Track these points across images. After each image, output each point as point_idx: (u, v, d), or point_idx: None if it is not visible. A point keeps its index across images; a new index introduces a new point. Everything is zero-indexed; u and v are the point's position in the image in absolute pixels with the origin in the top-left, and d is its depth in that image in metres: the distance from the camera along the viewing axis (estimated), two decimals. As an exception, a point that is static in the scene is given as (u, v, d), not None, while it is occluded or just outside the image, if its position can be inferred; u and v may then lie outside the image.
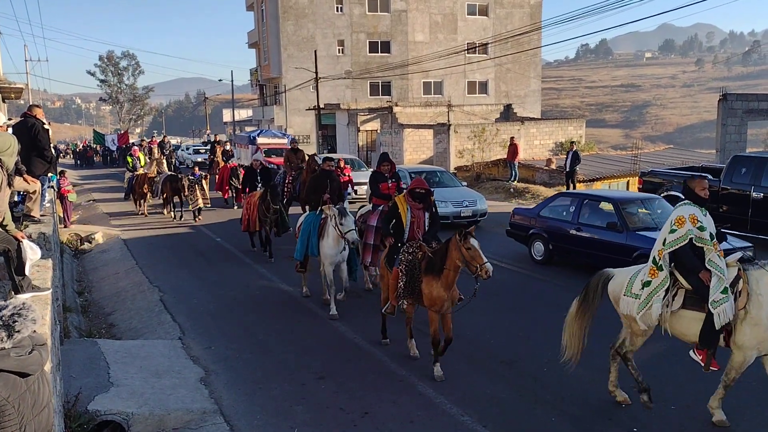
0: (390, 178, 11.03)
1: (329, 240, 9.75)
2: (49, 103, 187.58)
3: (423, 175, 19.12)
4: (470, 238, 6.89)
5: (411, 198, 8.15)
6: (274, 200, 13.68)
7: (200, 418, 6.69)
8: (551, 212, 13.28)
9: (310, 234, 10.20)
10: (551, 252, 12.96)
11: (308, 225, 10.35)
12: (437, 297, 7.28)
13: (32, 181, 8.52)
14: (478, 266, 6.77)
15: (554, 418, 6.52)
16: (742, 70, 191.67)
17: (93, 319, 11.06)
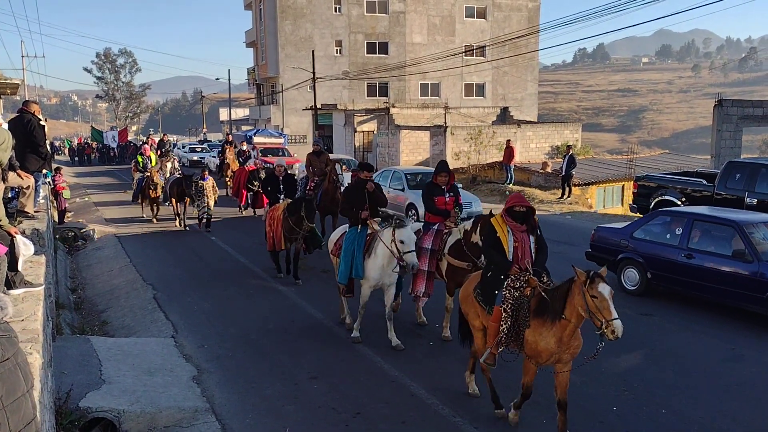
0: (447, 191, 9.16)
1: (377, 260, 8.43)
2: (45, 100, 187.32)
3: (419, 177, 18.81)
4: (599, 283, 5.44)
5: (510, 218, 6.47)
6: (310, 217, 11.61)
7: (192, 416, 6.69)
8: (649, 233, 11.09)
9: (354, 253, 8.76)
10: (649, 281, 10.79)
11: (351, 243, 8.87)
12: (544, 349, 5.89)
13: (25, 176, 8.51)
14: (604, 321, 5.37)
15: (545, 420, 6.53)
16: (739, 76, 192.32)
17: (86, 316, 11.03)
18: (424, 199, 9.27)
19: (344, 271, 8.89)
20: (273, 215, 12.30)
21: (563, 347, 5.83)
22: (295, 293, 11.30)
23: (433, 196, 9.17)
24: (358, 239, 8.82)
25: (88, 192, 28.73)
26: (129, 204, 23.91)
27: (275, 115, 50.96)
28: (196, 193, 17.22)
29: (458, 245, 8.39)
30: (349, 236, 8.95)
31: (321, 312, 10.21)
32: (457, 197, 9.28)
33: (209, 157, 38.59)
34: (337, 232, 9.60)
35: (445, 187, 9.17)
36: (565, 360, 5.94)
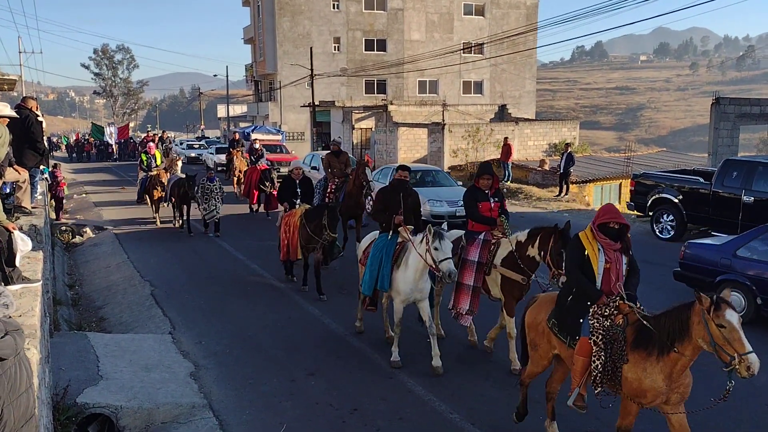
0: (492, 197, 8.18)
1: (408, 272, 7.59)
2: (42, 96, 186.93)
3: (419, 174, 18.03)
4: (726, 310, 4.55)
5: (602, 234, 5.53)
6: (333, 226, 10.40)
7: (189, 412, 6.70)
8: (756, 252, 9.50)
9: (382, 263, 7.96)
10: (758, 308, 9.28)
11: (379, 251, 8.08)
12: (650, 388, 4.98)
13: (21, 170, 8.51)
14: (736, 356, 4.47)
15: (542, 416, 6.54)
16: (736, 74, 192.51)
17: (83, 313, 11.03)
18: (467, 205, 8.19)
19: (369, 282, 8.10)
20: (289, 222, 11.22)
21: (672, 385, 4.98)
22: (293, 290, 11.31)
23: (476, 201, 8.11)
24: (387, 247, 8.02)
25: (85, 188, 28.70)
26: (126, 202, 23.91)
27: (273, 112, 50.92)
28: (202, 195, 16.04)
29: (511, 258, 7.55)
30: (378, 243, 8.19)
31: (318, 309, 10.22)
32: (502, 203, 8.29)
33: (207, 154, 38.55)
34: (367, 240, 8.75)
35: (489, 192, 8.18)
36: (674, 401, 5.05)
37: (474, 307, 7.94)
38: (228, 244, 15.43)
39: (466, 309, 7.95)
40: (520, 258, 7.43)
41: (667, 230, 15.42)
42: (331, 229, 10.36)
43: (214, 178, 16.47)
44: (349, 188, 13.56)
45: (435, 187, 17.72)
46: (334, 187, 14.25)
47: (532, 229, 7.42)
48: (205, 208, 16.12)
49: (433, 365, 7.55)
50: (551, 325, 5.69)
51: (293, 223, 11.13)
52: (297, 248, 11.06)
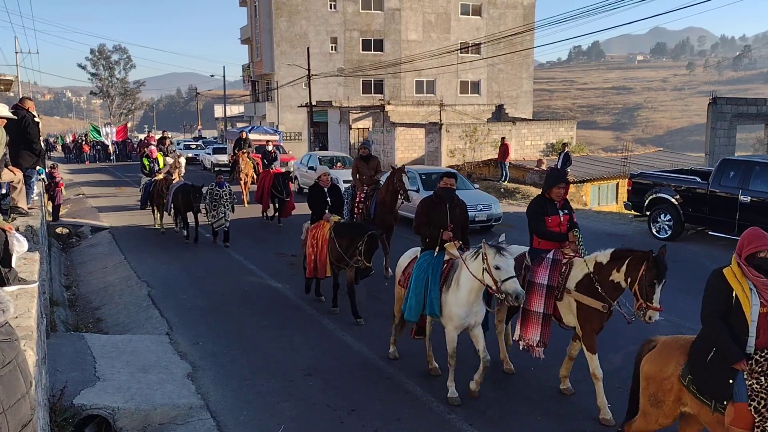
0: (561, 209, 7.16)
1: (460, 293, 6.68)
2: (39, 96, 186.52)
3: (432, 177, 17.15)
4: None
5: (754, 268, 4.40)
6: (369, 255, 9.10)
7: (186, 413, 6.68)
8: None
9: (429, 284, 7.02)
10: None
11: (423, 271, 7.12)
12: None
13: (15, 171, 8.49)
14: None
15: (539, 416, 6.55)
16: (733, 74, 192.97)
17: (80, 314, 11.01)
18: (532, 219, 7.08)
19: (415, 307, 7.11)
20: (317, 234, 9.98)
21: None
22: (290, 290, 11.30)
23: (544, 215, 7.03)
24: (434, 267, 7.07)
25: (82, 189, 28.65)
26: (124, 202, 23.89)
27: (270, 112, 50.90)
28: (211, 201, 14.99)
29: (588, 282, 6.50)
30: (422, 263, 7.22)
31: (316, 309, 10.21)
32: (571, 215, 7.21)
33: (204, 154, 38.52)
34: (407, 257, 7.84)
35: (559, 202, 7.12)
36: None
37: (545, 337, 6.84)
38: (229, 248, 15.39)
39: (536, 340, 6.86)
40: (601, 282, 6.39)
41: (664, 230, 15.42)
42: (367, 258, 9.04)
43: (224, 183, 15.34)
44: (381, 196, 12.22)
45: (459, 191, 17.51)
46: (363, 195, 12.79)
47: (617, 250, 6.42)
48: (213, 216, 15.05)
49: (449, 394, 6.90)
50: (687, 382, 4.65)
51: (322, 236, 9.89)
52: (326, 264, 9.80)
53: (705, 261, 13.57)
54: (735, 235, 14.15)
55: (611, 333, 8.68)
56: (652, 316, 5.89)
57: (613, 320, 6.71)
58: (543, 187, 7.26)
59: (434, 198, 7.53)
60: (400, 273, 7.80)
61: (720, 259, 13.81)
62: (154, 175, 17.97)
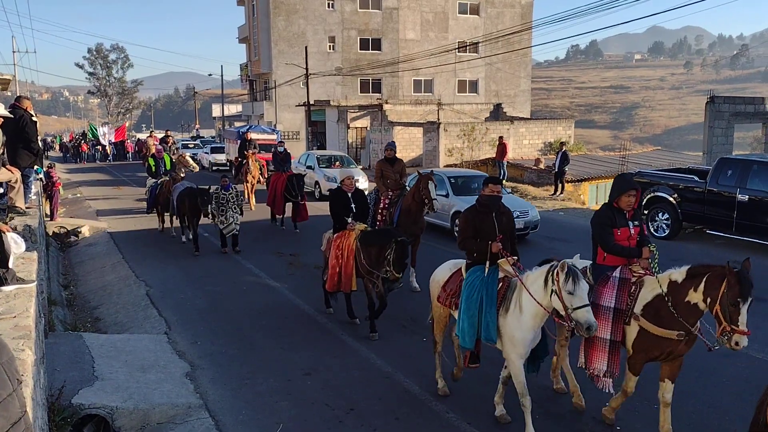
0: (631, 220, 6.37)
1: (524, 317, 5.92)
2: (36, 95, 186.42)
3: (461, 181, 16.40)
4: None
5: None
6: (399, 265, 8.27)
7: (185, 412, 6.68)
8: None
9: (483, 305, 6.24)
10: None
11: (476, 290, 6.34)
12: None
13: (13, 170, 8.47)
14: None
15: (538, 416, 6.55)
16: (730, 73, 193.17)
17: (78, 313, 11.00)
18: (599, 232, 6.32)
19: (469, 332, 6.33)
20: (341, 244, 9.08)
21: None
22: (288, 290, 11.30)
23: (612, 227, 6.27)
24: (488, 285, 6.29)
25: (80, 189, 28.62)
26: (122, 203, 23.85)
27: (268, 112, 50.89)
28: (218, 207, 14.03)
29: (659, 304, 5.73)
30: (473, 281, 6.41)
31: (314, 308, 10.20)
32: (642, 227, 6.47)
33: (202, 153, 38.48)
34: (444, 270, 6.99)
35: (628, 213, 6.36)
36: None
37: (614, 367, 6.07)
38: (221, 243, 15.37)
39: (603, 370, 6.10)
40: (675, 305, 5.60)
41: (662, 229, 15.44)
42: (396, 268, 8.21)
43: (230, 185, 14.36)
44: (407, 203, 11.24)
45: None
46: (388, 201, 11.81)
47: (693, 266, 5.63)
48: (222, 221, 14.05)
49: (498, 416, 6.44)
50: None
51: (347, 246, 8.98)
52: (352, 278, 8.92)
53: (703, 260, 13.58)
54: (733, 234, 14.18)
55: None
56: (738, 341, 5.14)
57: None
58: (610, 195, 6.43)
59: (478, 207, 6.75)
60: (438, 289, 6.89)
61: (718, 257, 13.83)
62: (160, 176, 17.22)
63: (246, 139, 23.12)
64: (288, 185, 16.71)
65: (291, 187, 16.62)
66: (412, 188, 11.26)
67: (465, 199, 14.92)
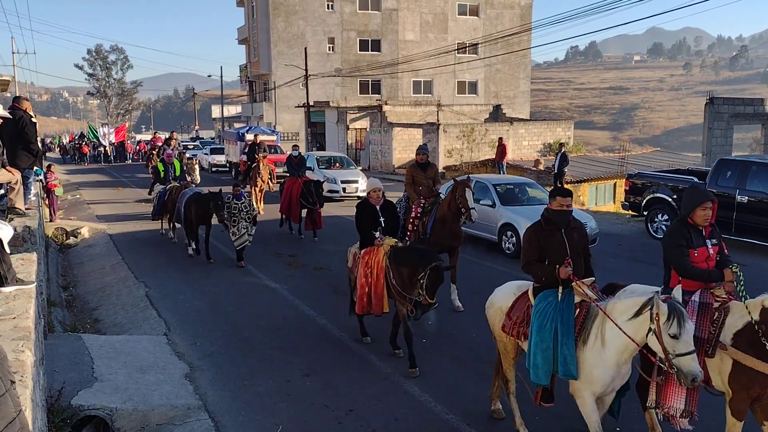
0: (709, 237, 5.65)
1: (607, 352, 5.17)
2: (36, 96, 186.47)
3: (508, 188, 15.18)
4: None
5: None
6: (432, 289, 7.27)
7: (184, 413, 6.68)
8: None
9: (558, 336, 5.45)
10: None
11: (548, 319, 5.55)
12: None
13: (13, 171, 8.47)
14: None
15: (538, 416, 6.55)
16: (730, 74, 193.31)
17: (78, 314, 10.99)
18: (673, 253, 5.58)
19: (543, 366, 5.52)
20: (369, 262, 8.13)
21: None
22: (288, 291, 11.30)
23: (688, 247, 5.52)
24: (563, 314, 5.50)
25: (80, 190, 28.61)
26: (122, 203, 23.84)
27: (267, 113, 50.91)
28: (229, 217, 13.02)
29: (750, 333, 4.97)
30: (544, 308, 5.62)
31: (313, 309, 10.21)
32: (721, 245, 5.69)
33: (201, 155, 38.51)
34: (506, 295, 6.20)
35: (705, 229, 5.60)
36: None
37: (692, 405, 5.27)
38: (222, 243, 15.34)
39: (680, 409, 5.27)
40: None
41: (661, 230, 15.44)
42: (429, 293, 7.26)
43: (242, 194, 13.42)
44: (442, 212, 10.28)
45: (534, 206, 13.91)
46: (420, 210, 10.72)
47: None
48: (234, 233, 13.02)
49: None
50: None
51: (377, 263, 8.07)
52: (383, 299, 8.01)
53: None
54: (732, 235, 14.19)
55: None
56: None
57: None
58: (682, 210, 5.71)
59: (544, 225, 5.84)
60: (501, 316, 6.11)
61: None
62: (169, 182, 16.31)
63: (255, 141, 22.23)
64: (304, 191, 15.70)
65: (308, 193, 15.59)
66: (447, 196, 10.32)
67: (515, 210, 13.97)
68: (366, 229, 8.39)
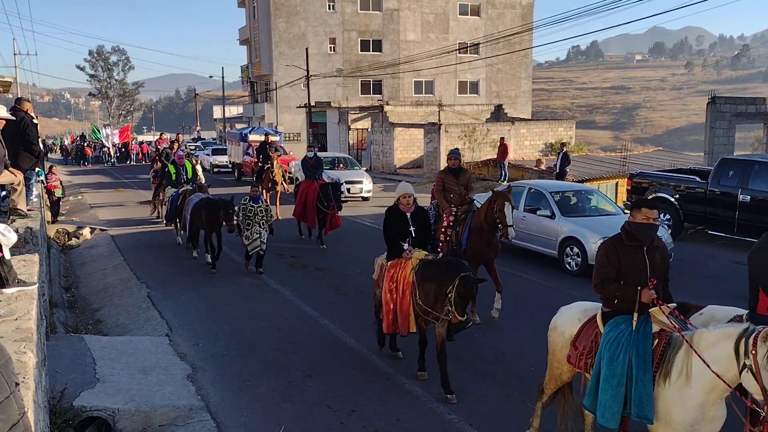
0: None
1: (692, 391, 4.48)
2: (37, 98, 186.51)
3: (568, 197, 13.54)
4: None
5: None
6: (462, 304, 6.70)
7: (187, 414, 6.68)
8: None
9: (632, 370, 4.75)
10: None
11: (621, 349, 4.84)
12: None
13: (15, 172, 8.48)
14: None
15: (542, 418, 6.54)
16: (731, 73, 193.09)
17: (80, 315, 11.01)
18: (765, 272, 4.92)
19: (611, 405, 4.83)
20: (396, 276, 7.46)
21: None
22: (289, 291, 11.30)
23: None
24: (638, 343, 4.81)
25: (81, 191, 28.64)
26: (123, 203, 23.85)
27: (269, 113, 50.91)
28: (244, 220, 12.28)
29: None
30: (616, 337, 4.92)
31: (315, 310, 10.20)
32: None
33: (203, 155, 38.51)
34: (571, 320, 5.52)
35: None
36: None
37: None
38: (223, 244, 15.32)
39: None
40: None
41: (664, 229, 15.43)
42: (459, 309, 6.65)
43: (259, 197, 12.78)
44: (477, 221, 9.58)
45: (598, 217, 12.88)
46: (452, 218, 10.00)
47: None
48: (247, 237, 12.35)
49: None
50: None
51: (403, 278, 7.38)
52: (409, 317, 7.37)
53: (705, 260, 13.60)
54: (735, 235, 14.17)
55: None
56: None
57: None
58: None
59: (625, 240, 5.10)
60: (565, 344, 5.44)
61: (720, 257, 13.84)
62: (181, 185, 15.43)
63: (266, 141, 21.29)
64: (321, 195, 14.88)
65: (325, 196, 14.77)
66: (484, 205, 9.58)
67: (579, 222, 12.50)
68: (394, 238, 7.65)
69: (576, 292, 10.28)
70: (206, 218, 12.69)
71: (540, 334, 7.60)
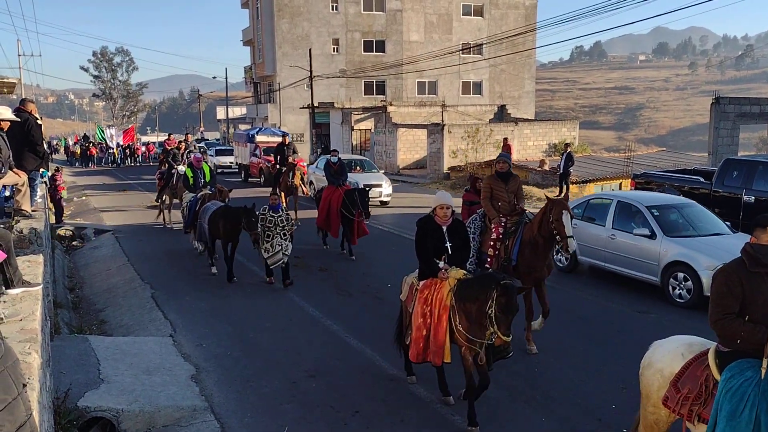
0: None
1: None
2: (42, 99, 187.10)
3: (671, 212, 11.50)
4: None
5: None
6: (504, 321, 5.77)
7: (190, 415, 6.69)
8: None
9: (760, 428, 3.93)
10: None
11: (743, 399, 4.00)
12: None
13: (20, 173, 8.51)
14: None
15: (544, 418, 6.54)
16: (735, 73, 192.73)
17: (84, 316, 11.02)
18: None
19: None
20: (429, 299, 6.53)
21: None
22: (293, 292, 11.30)
23: None
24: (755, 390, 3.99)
25: (86, 192, 28.69)
26: (127, 204, 23.89)
27: (272, 114, 50.96)
28: (263, 231, 11.45)
29: None
30: (738, 385, 4.05)
31: (318, 310, 10.21)
32: None
33: (207, 156, 38.54)
34: (673, 355, 4.64)
35: None
36: None
37: None
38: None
39: None
40: None
41: None
42: (502, 326, 5.75)
43: (279, 205, 11.90)
44: (530, 234, 8.40)
45: (706, 237, 10.85)
46: (502, 230, 8.85)
47: None
48: (267, 249, 11.49)
49: None
50: None
51: (439, 301, 6.44)
52: (445, 347, 6.41)
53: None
54: (738, 235, 14.12)
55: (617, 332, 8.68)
56: None
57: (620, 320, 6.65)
58: None
59: (747, 266, 4.22)
60: (663, 384, 4.56)
61: (723, 259, 13.80)
62: (199, 189, 14.41)
63: (283, 142, 20.17)
64: (346, 201, 13.97)
65: (351, 203, 13.86)
66: (538, 215, 8.39)
67: (688, 243, 10.52)
68: (428, 255, 6.70)
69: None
70: (224, 227, 11.91)
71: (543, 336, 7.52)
